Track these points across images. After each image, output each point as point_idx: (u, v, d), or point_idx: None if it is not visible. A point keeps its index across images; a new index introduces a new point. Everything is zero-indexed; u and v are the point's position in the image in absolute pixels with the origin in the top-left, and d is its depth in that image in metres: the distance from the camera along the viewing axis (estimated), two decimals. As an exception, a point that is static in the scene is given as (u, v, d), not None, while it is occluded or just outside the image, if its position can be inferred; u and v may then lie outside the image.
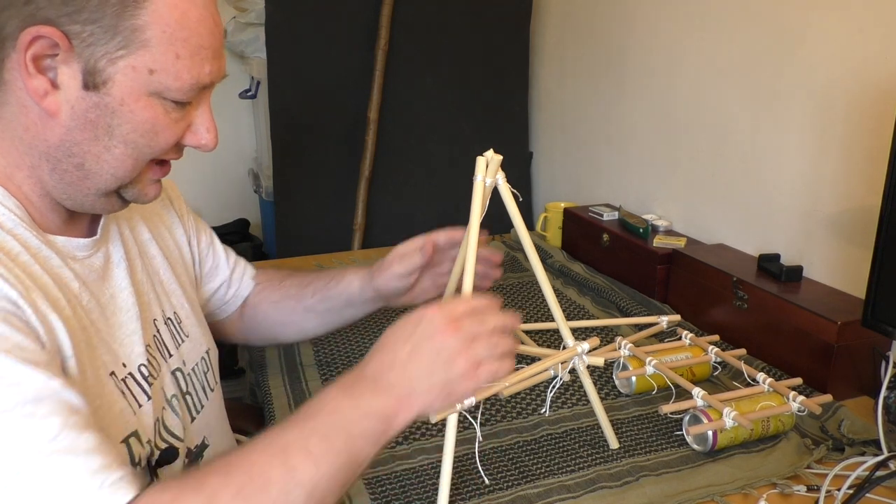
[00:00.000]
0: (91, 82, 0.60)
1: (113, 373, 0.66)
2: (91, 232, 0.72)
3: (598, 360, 0.89)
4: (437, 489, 0.79)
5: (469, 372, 0.65)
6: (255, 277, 1.05)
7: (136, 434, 0.66)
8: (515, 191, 0.85)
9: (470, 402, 0.75)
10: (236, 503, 0.54)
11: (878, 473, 0.84)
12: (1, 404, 0.51)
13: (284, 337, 1.06)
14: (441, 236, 0.93)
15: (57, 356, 0.58)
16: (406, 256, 0.93)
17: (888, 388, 0.97)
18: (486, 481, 0.87)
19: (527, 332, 1.23)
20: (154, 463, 0.69)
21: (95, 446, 0.53)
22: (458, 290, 0.80)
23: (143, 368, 0.71)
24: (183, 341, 0.82)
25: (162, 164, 0.69)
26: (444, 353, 0.64)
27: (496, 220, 0.89)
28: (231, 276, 1.00)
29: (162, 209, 0.89)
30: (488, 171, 0.81)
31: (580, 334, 0.93)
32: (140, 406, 0.68)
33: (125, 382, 0.68)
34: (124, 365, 0.69)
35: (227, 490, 0.54)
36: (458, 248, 0.92)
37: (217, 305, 1.01)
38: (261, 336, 1.06)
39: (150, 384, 0.71)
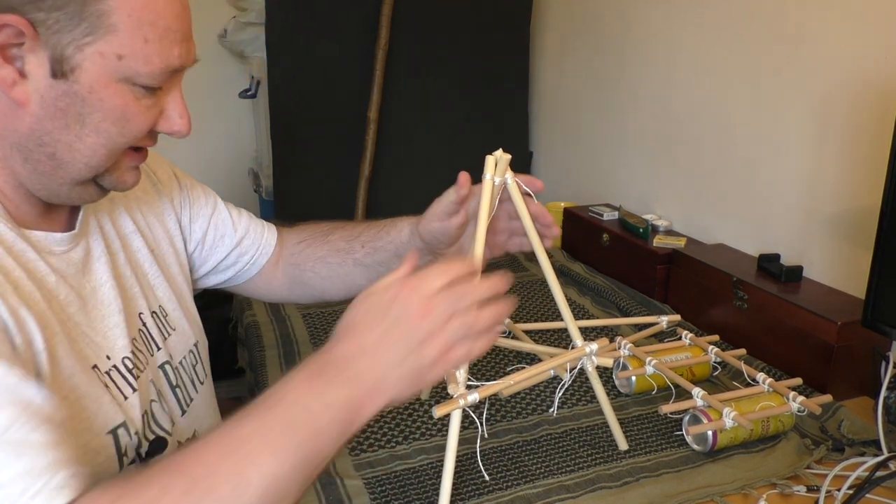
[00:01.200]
0: (59, 70, 0.59)
1: (96, 366, 0.66)
2: (70, 226, 0.71)
3: (607, 361, 0.88)
4: (436, 489, 0.79)
5: (440, 357, 0.61)
6: (292, 235, 1.01)
7: (124, 425, 0.66)
8: (529, 190, 0.84)
9: (473, 398, 0.75)
10: (183, 503, 0.51)
11: (878, 474, 0.84)
12: None
13: (332, 293, 0.99)
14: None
15: (28, 350, 0.57)
16: (445, 195, 0.83)
17: (888, 388, 0.97)
18: (486, 478, 0.87)
19: (527, 332, 1.23)
20: (144, 455, 0.69)
21: (48, 442, 0.52)
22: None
23: (126, 361, 0.70)
24: (169, 335, 0.81)
25: (138, 150, 0.68)
26: (416, 339, 0.60)
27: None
28: (240, 244, 0.96)
29: (154, 195, 0.87)
30: (497, 169, 0.81)
31: (581, 334, 0.94)
32: (126, 398, 0.68)
33: (109, 375, 0.67)
34: (108, 357, 0.68)
35: (175, 489, 0.51)
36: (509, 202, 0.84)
37: (230, 274, 0.97)
38: (307, 294, 1.01)
39: (135, 377, 0.70)
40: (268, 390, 0.58)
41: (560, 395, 1.07)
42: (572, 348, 0.88)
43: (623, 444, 0.94)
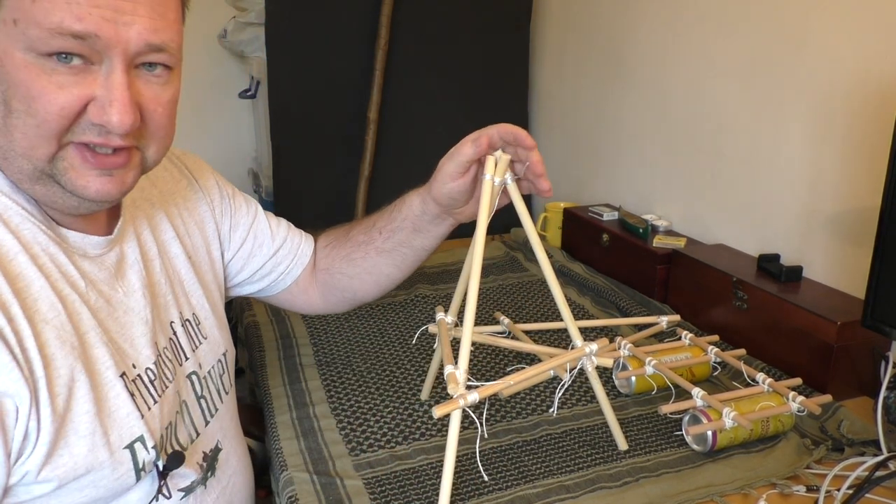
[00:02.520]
0: None
1: (124, 373, 0.66)
2: (108, 231, 0.71)
3: (607, 361, 0.88)
4: (436, 489, 0.79)
5: None
6: (319, 241, 1.00)
7: (141, 439, 0.66)
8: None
9: (473, 398, 0.75)
10: None
11: (878, 474, 0.84)
12: None
13: (364, 291, 0.99)
14: (495, 131, 0.81)
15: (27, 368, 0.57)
16: (456, 152, 0.83)
17: (888, 388, 0.97)
18: (486, 478, 0.87)
19: (527, 333, 1.23)
20: (162, 468, 0.69)
21: None
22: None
23: (149, 372, 0.70)
24: (200, 343, 0.81)
25: (93, 151, 0.60)
26: None
27: (494, 220, 0.89)
28: (277, 253, 0.95)
29: (195, 202, 0.86)
30: (497, 169, 0.82)
31: (580, 335, 0.94)
32: (149, 409, 0.68)
33: (135, 384, 0.67)
34: (134, 366, 0.68)
35: None
36: (516, 146, 0.82)
37: (264, 284, 0.97)
38: (341, 298, 1.00)
39: (158, 389, 0.70)
40: None
41: (560, 395, 1.07)
42: (572, 348, 0.88)
43: (623, 445, 0.94)
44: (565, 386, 0.96)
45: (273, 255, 0.96)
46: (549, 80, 2.05)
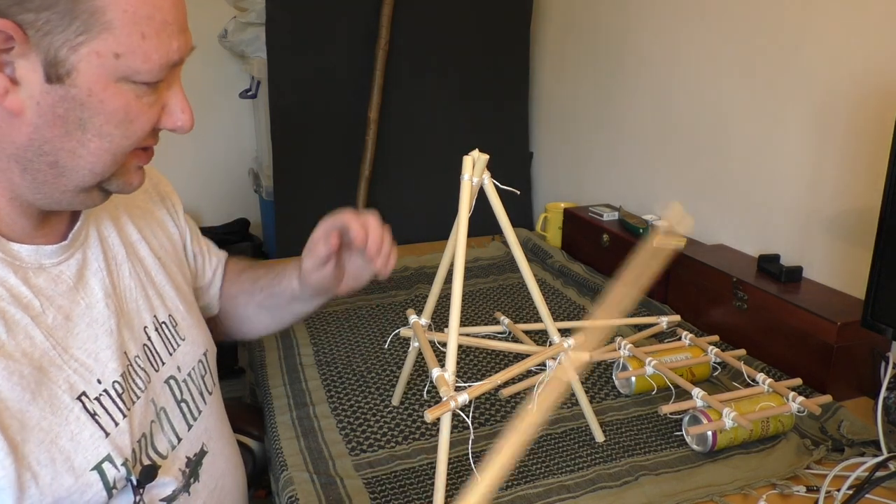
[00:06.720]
0: (54, 74, 0.55)
1: (84, 394, 0.64)
2: (65, 238, 0.68)
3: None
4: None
5: None
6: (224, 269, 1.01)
7: (108, 458, 0.64)
8: (512, 189, 0.86)
9: (463, 399, 0.75)
10: None
11: (878, 474, 0.84)
12: None
13: (245, 333, 1.02)
14: (341, 221, 0.86)
15: None
16: (310, 250, 0.86)
17: (888, 388, 0.97)
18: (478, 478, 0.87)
19: (526, 333, 1.23)
20: (136, 483, 0.67)
21: None
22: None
23: (117, 385, 0.67)
24: (178, 345, 0.79)
25: (144, 149, 0.65)
26: None
27: (494, 220, 0.89)
28: (213, 276, 0.97)
29: (153, 206, 0.85)
30: (475, 170, 0.83)
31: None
32: (116, 425, 0.66)
33: (99, 401, 0.65)
34: (99, 381, 0.66)
35: None
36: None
37: (204, 304, 0.97)
38: (233, 330, 1.02)
39: (124, 403, 0.68)
40: None
41: (538, 391, 1.07)
42: (550, 344, 0.89)
43: (599, 437, 0.95)
44: (544, 382, 0.97)
45: (211, 279, 0.96)
46: (549, 80, 2.05)
